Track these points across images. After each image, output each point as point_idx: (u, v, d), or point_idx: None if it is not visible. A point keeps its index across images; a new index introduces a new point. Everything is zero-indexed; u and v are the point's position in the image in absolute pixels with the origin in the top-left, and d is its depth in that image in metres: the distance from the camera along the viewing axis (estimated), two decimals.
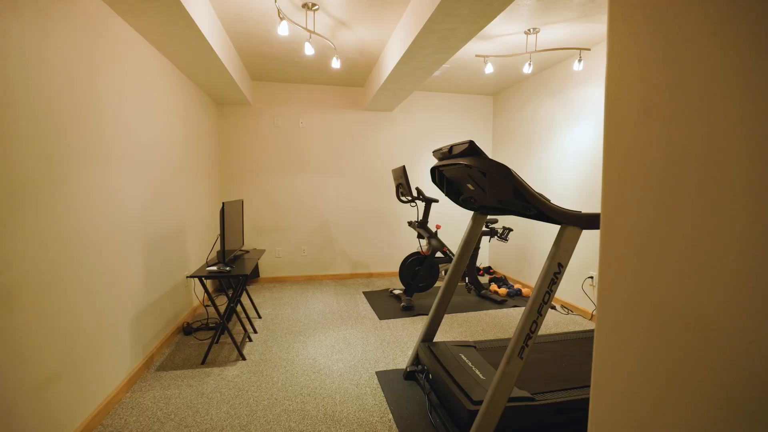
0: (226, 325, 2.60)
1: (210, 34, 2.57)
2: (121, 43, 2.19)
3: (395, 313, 3.57)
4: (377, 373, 2.43)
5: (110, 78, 2.08)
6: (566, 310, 3.68)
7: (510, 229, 4.16)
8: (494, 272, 5.08)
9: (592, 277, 3.44)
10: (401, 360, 2.61)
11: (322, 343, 2.88)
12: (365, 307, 3.78)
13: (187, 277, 2.45)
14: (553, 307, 3.75)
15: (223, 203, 2.65)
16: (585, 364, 2.24)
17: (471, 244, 2.37)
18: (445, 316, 3.54)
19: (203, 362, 2.55)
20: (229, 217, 2.84)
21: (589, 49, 3.13)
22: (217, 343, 2.87)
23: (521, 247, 4.56)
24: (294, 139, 4.69)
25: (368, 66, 3.96)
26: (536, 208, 1.64)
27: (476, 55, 3.31)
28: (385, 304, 3.84)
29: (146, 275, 2.53)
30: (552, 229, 4.03)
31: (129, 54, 2.29)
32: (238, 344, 2.73)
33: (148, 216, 2.56)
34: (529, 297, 4.17)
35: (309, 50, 2.77)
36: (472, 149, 1.70)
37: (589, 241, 3.47)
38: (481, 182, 1.82)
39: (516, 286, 4.28)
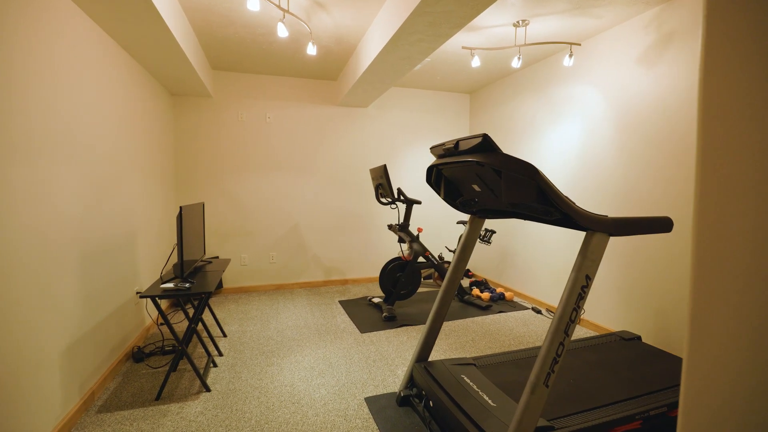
0: (186, 350, 2.21)
1: (164, 8, 2.17)
2: (52, 15, 1.76)
3: (377, 325, 3.29)
4: (366, 399, 2.14)
5: (39, 56, 1.65)
6: (553, 315, 3.56)
7: (493, 231, 4.01)
8: (473, 275, 4.93)
9: None
10: (392, 381, 2.34)
11: (299, 365, 2.55)
12: (344, 318, 3.47)
13: (139, 296, 2.04)
14: (539, 311, 3.62)
15: (180, 207, 2.26)
16: (593, 378, 2.07)
17: (469, 250, 2.15)
18: None
19: (158, 397, 2.14)
20: (188, 222, 2.44)
21: (579, 44, 3.01)
22: (174, 371, 2.45)
23: (502, 249, 4.43)
24: (261, 136, 4.28)
25: (344, 57, 3.66)
26: (561, 212, 1.42)
27: (463, 47, 3.10)
28: (365, 315, 3.55)
29: (85, 294, 2.09)
30: (534, 230, 3.91)
31: (64, 30, 1.85)
32: (201, 372, 2.35)
33: (88, 223, 2.12)
34: (512, 301, 4.05)
35: (282, 32, 2.43)
36: (486, 144, 1.46)
37: (579, 241, 3.37)
38: (492, 183, 1.59)
39: (498, 289, 4.14)
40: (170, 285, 2.18)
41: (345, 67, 3.95)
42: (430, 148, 1.85)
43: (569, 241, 3.45)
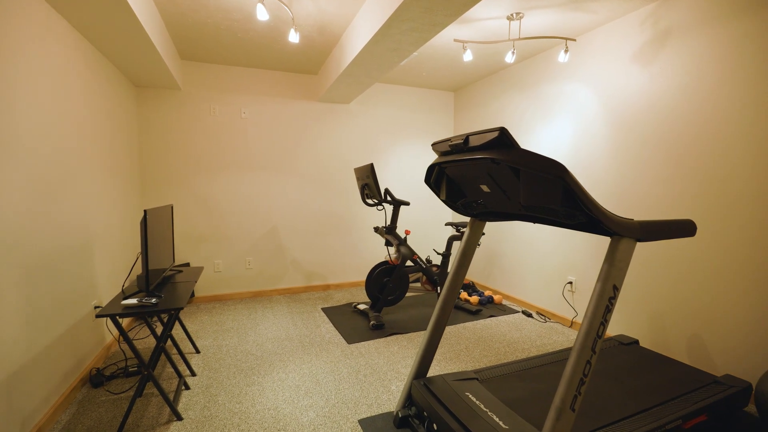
0: (152, 375, 1.93)
1: None
2: None
3: (365, 334, 3.09)
4: (360, 421, 1.94)
5: None
6: (543, 318, 3.48)
7: (482, 233, 3.89)
8: None
9: (571, 283, 3.27)
10: (386, 399, 2.15)
11: (283, 384, 2.31)
12: (328, 328, 3.25)
13: (97, 316, 1.76)
14: (530, 315, 3.53)
15: (145, 211, 1.98)
16: (600, 389, 1.96)
17: (469, 256, 1.99)
18: (422, 332, 3.14)
19: (120, 430, 1.85)
20: (155, 227, 2.15)
21: (574, 40, 2.92)
22: (140, 396, 2.16)
23: (489, 251, 4.33)
24: (236, 132, 3.98)
25: (326, 48, 3.43)
26: (588, 215, 1.28)
27: (455, 40, 2.95)
28: (350, 323, 3.34)
29: (27, 314, 1.78)
30: (521, 232, 3.82)
31: (9, 8, 1.55)
32: (171, 398, 2.08)
33: (31, 229, 1.81)
34: (500, 304, 3.94)
35: (262, 15, 2.19)
36: (503, 139, 1.30)
37: (571, 243, 3.29)
38: (507, 183, 1.43)
39: (486, 292, 4.03)
40: (134, 300, 1.90)
41: (327, 60, 3.72)
42: (432, 145, 1.67)
43: (558, 242, 3.37)
